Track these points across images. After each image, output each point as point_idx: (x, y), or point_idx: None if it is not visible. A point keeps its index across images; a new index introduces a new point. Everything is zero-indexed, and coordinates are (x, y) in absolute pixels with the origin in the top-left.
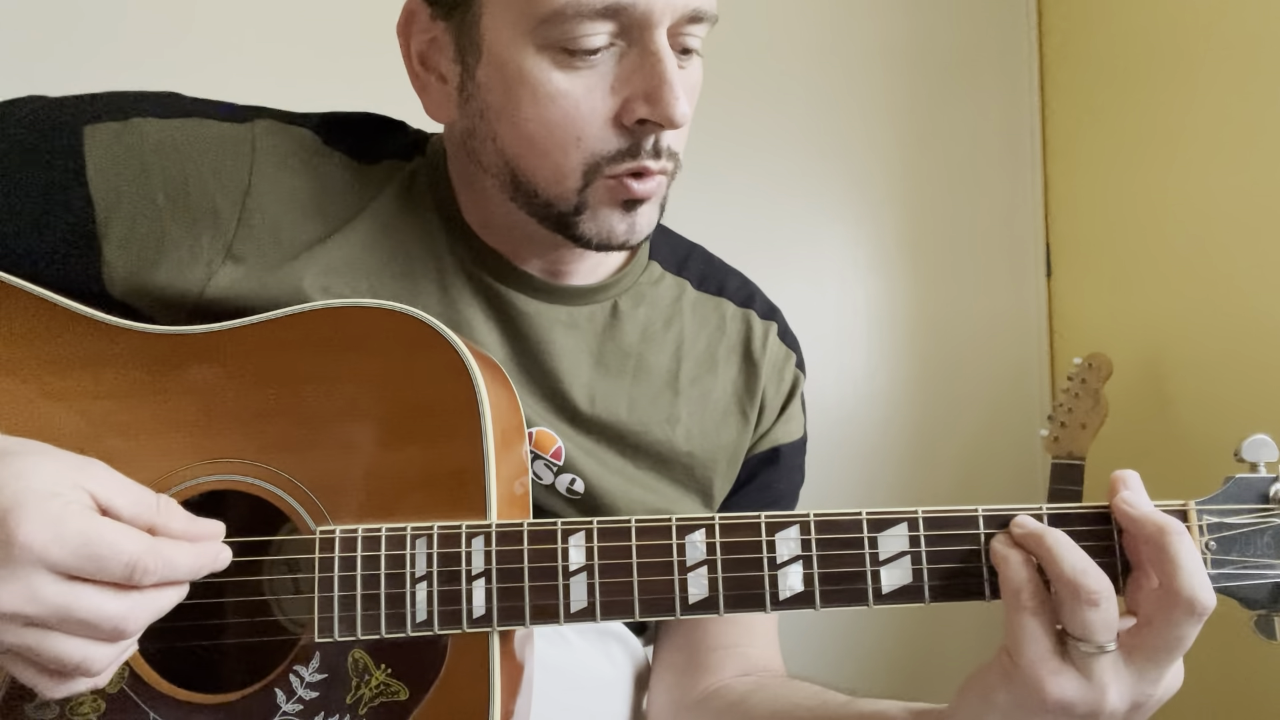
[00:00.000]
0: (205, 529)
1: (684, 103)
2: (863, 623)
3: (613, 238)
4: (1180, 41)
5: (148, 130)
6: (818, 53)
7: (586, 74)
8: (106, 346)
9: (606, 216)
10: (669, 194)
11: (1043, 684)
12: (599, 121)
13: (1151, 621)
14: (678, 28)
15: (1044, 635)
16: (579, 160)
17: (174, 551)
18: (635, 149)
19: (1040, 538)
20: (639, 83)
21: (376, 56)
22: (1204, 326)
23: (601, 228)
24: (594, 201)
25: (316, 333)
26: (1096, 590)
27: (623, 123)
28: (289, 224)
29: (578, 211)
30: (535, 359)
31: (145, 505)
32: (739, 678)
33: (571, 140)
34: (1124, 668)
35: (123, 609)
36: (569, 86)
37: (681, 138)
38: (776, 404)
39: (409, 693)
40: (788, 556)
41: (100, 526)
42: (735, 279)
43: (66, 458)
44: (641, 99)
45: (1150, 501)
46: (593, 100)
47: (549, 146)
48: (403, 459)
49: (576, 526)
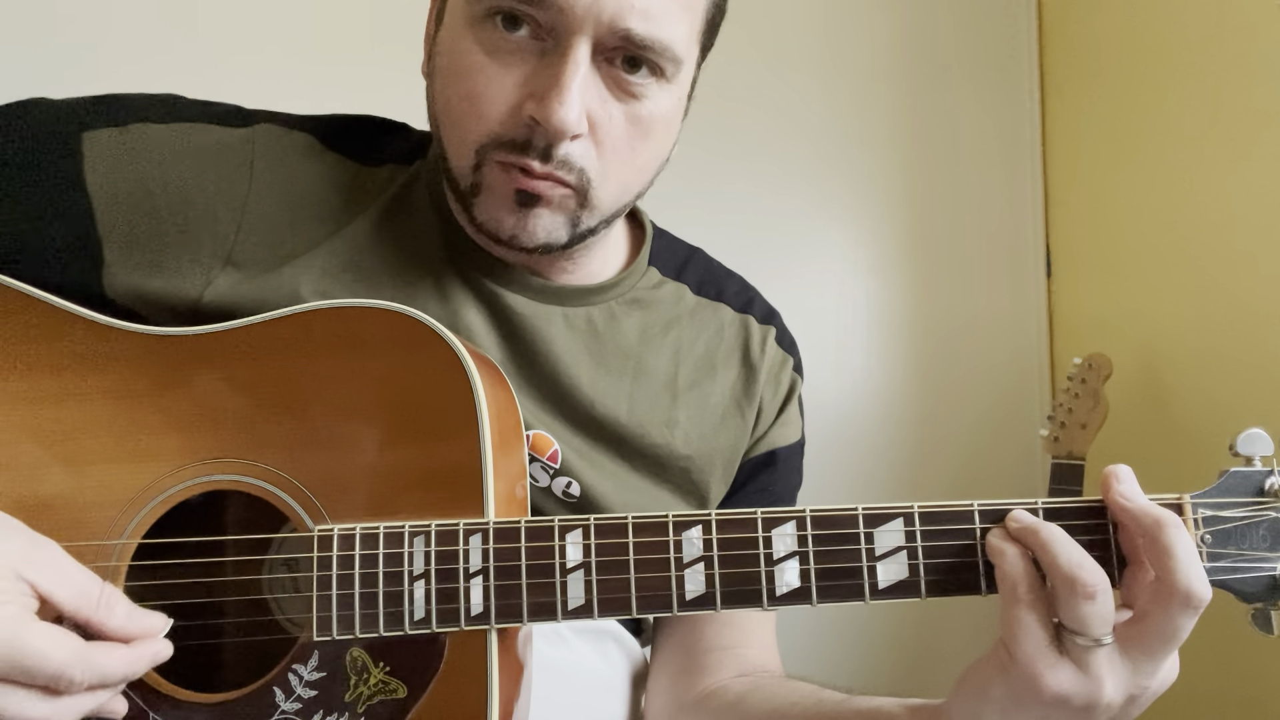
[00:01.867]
0: (145, 626)
1: (569, 110)
2: (859, 620)
3: (500, 229)
4: (1180, 41)
5: (147, 136)
6: (818, 53)
7: (507, 58)
8: (105, 347)
9: (497, 206)
10: (589, 221)
11: (1039, 677)
12: (501, 105)
13: (1148, 614)
14: (610, 49)
15: (1040, 629)
16: (475, 137)
17: (104, 659)
18: (525, 144)
19: (1036, 532)
20: (540, 81)
21: (377, 58)
22: (1203, 326)
23: (490, 215)
24: (487, 185)
25: (315, 333)
26: (1093, 584)
27: (519, 116)
28: (287, 228)
29: (474, 192)
30: (534, 361)
31: (86, 598)
32: (736, 678)
33: (474, 116)
34: (1120, 660)
35: (46, 712)
36: (485, 64)
37: (602, 159)
38: (774, 407)
39: (407, 691)
40: (784, 552)
41: (28, 636)
42: (734, 284)
43: (14, 541)
44: (534, 97)
45: (1145, 495)
46: (503, 84)
47: (456, 117)
48: (401, 458)
49: (574, 524)
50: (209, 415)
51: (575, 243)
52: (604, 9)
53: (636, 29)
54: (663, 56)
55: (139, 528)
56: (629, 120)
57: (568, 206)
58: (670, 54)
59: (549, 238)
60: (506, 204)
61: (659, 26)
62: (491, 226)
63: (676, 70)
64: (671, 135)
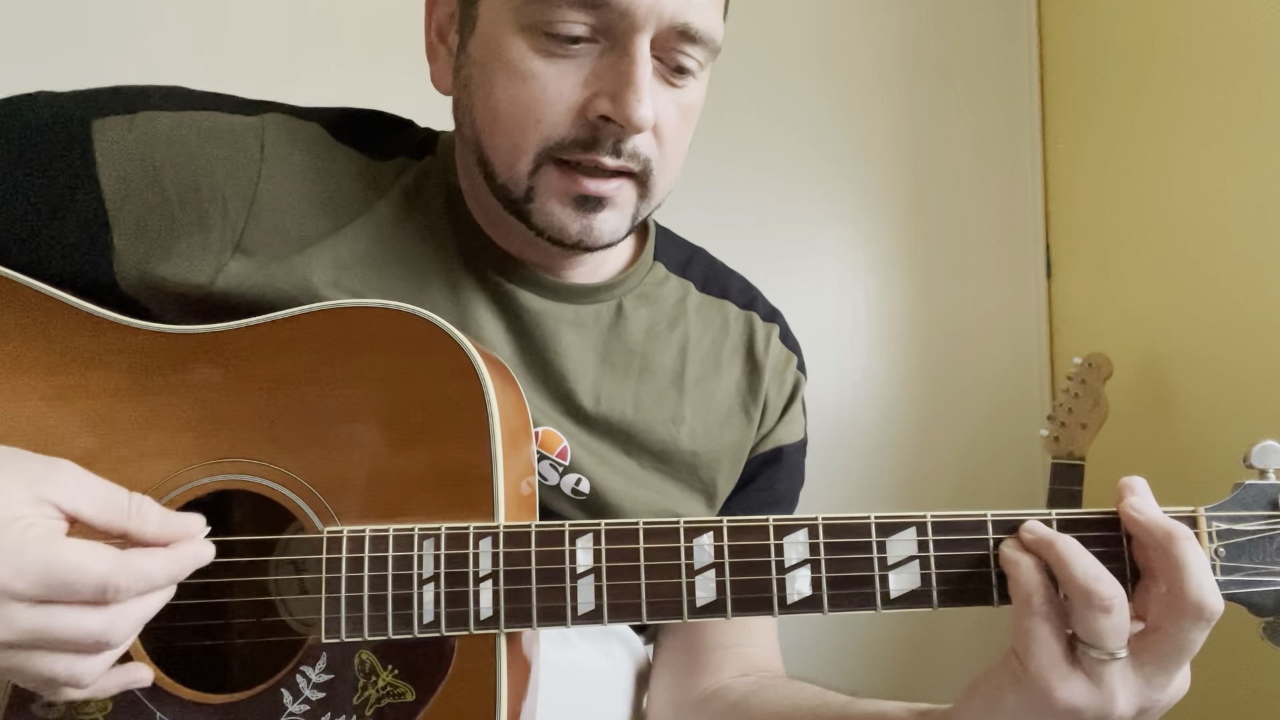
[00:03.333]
0: (182, 527)
1: (646, 107)
2: (863, 625)
3: (565, 234)
4: (1180, 42)
5: (157, 123)
6: (818, 54)
7: (562, 63)
8: (114, 345)
9: (558, 211)
10: (644, 211)
11: (1052, 689)
12: (562, 107)
13: (1160, 627)
14: (666, 41)
15: (1054, 641)
16: (534, 142)
17: (147, 563)
18: (592, 142)
19: (1051, 544)
20: (609, 80)
21: (378, 60)
22: (1204, 326)
23: (552, 221)
24: (543, 190)
25: (324, 333)
26: (1109, 597)
27: (586, 116)
28: (298, 217)
29: (528, 199)
30: (542, 357)
31: (116, 508)
32: (739, 678)
33: (531, 121)
34: (1132, 673)
35: (101, 624)
36: (541, 70)
37: (660, 149)
38: (779, 405)
39: (415, 694)
40: (796, 560)
41: (62, 552)
42: (738, 282)
43: (29, 467)
44: (607, 96)
45: (1158, 507)
46: (561, 87)
47: (510, 125)
48: (410, 460)
49: (584, 529)
50: (217, 414)
51: (630, 234)
52: (665, 6)
53: (695, 23)
54: (709, 46)
55: None
56: (678, 109)
57: (630, 201)
58: (715, 44)
59: (614, 236)
60: (569, 208)
61: (708, 18)
62: (554, 232)
63: (713, 58)
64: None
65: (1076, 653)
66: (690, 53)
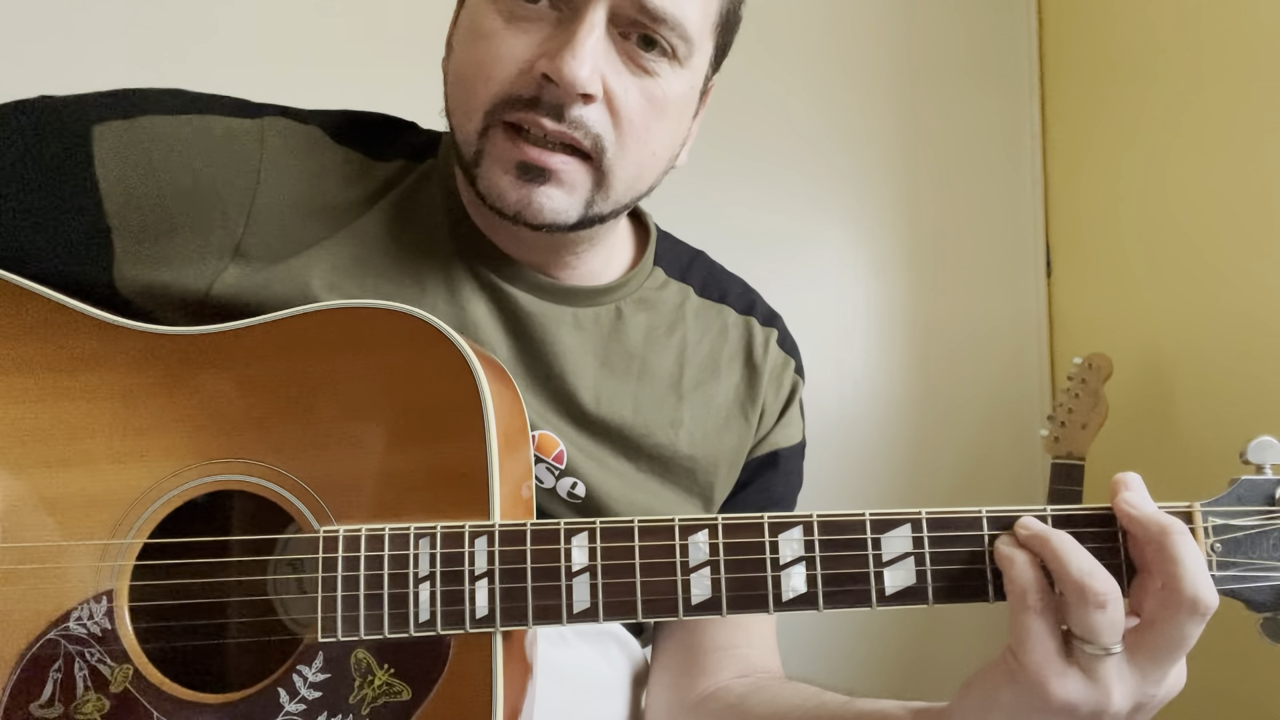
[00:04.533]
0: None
1: (584, 66)
2: (861, 623)
3: (504, 202)
4: (1180, 42)
5: (156, 127)
6: (817, 54)
7: (522, 24)
8: (112, 346)
9: (499, 177)
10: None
11: (1047, 685)
12: (512, 65)
13: (1155, 622)
14: (625, 17)
15: (1049, 636)
16: (484, 99)
17: None
18: (534, 101)
19: (1046, 540)
20: (555, 42)
21: (377, 60)
22: (1204, 326)
23: (493, 186)
24: (489, 154)
25: (321, 333)
26: (1104, 592)
27: (531, 75)
28: (297, 220)
29: (476, 161)
30: (540, 360)
31: None
32: (737, 679)
33: (483, 78)
34: (1128, 668)
35: None
36: (499, 29)
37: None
38: (776, 408)
39: (412, 693)
40: (791, 557)
41: None
42: (737, 286)
43: None
44: (548, 55)
45: (1152, 502)
46: (514, 47)
47: (466, 83)
48: (407, 459)
49: (580, 527)
50: (214, 415)
51: (583, 226)
52: None
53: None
54: (674, 32)
55: (144, 527)
56: (644, 96)
57: (581, 184)
58: (682, 30)
59: (556, 216)
60: (509, 174)
61: (673, 2)
62: (494, 199)
63: (689, 53)
64: (683, 125)
65: (1072, 649)
66: (657, 34)
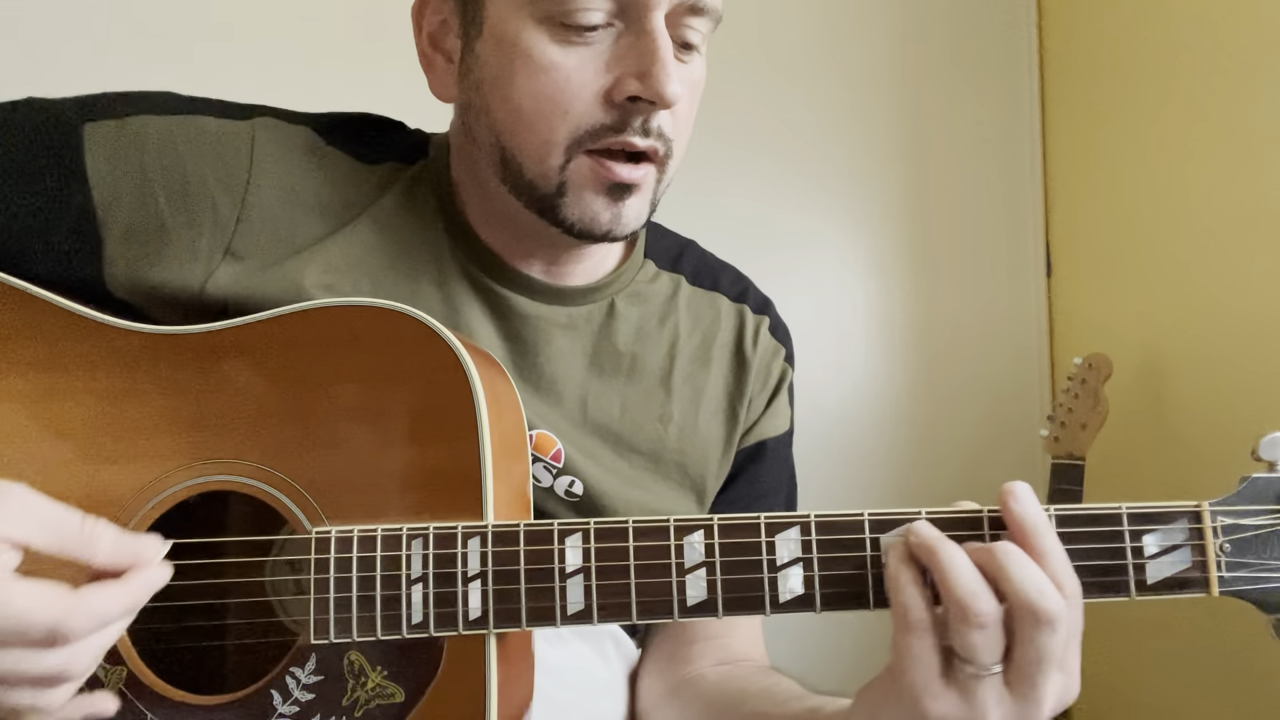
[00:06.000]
0: (134, 553)
1: (675, 82)
2: (860, 623)
3: (596, 225)
4: (1180, 41)
5: (147, 128)
6: (817, 53)
7: (581, 50)
8: (104, 346)
9: (590, 201)
10: (659, 193)
11: (923, 705)
12: (588, 95)
13: (1013, 638)
14: (678, 17)
15: (929, 656)
16: (564, 134)
17: (98, 600)
18: (622, 124)
19: (934, 552)
20: (632, 61)
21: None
22: (1204, 326)
23: (585, 212)
24: (576, 182)
25: (314, 332)
26: (985, 614)
27: (613, 99)
28: (288, 221)
29: (560, 193)
30: (533, 361)
31: (68, 536)
32: (714, 667)
33: (559, 113)
34: (1006, 690)
35: (58, 663)
36: (562, 59)
37: (675, 127)
38: (763, 398)
39: (404, 695)
40: (788, 558)
41: (8, 597)
42: (729, 274)
43: None
44: (633, 76)
45: (1038, 514)
46: (584, 75)
47: (536, 119)
48: (400, 459)
49: (574, 527)
50: (207, 415)
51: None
52: None
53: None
54: (713, 17)
55: (137, 528)
56: (687, 84)
57: (650, 187)
58: (718, 13)
59: (638, 223)
60: (600, 198)
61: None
62: (585, 224)
63: (714, 30)
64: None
65: (953, 667)
66: (696, 26)
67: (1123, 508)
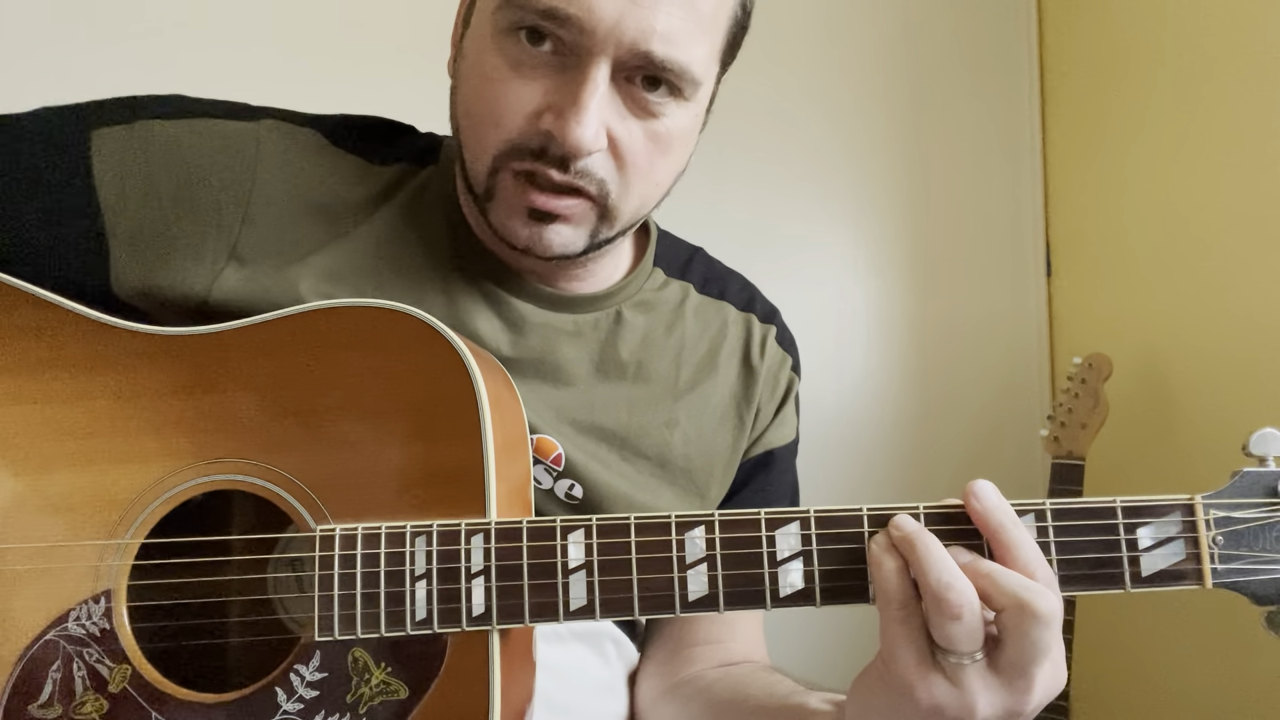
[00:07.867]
0: None
1: (587, 129)
2: (860, 623)
3: (516, 239)
4: (1180, 42)
5: (154, 132)
6: (817, 53)
7: (529, 71)
8: (109, 347)
9: (509, 215)
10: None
11: (913, 689)
12: (520, 113)
13: (1003, 630)
14: (630, 67)
15: (912, 643)
16: (493, 144)
17: None
18: (541, 152)
19: (912, 545)
20: (558, 97)
21: (377, 61)
22: (1204, 326)
23: (505, 224)
24: (500, 193)
25: (317, 332)
26: (958, 605)
27: (538, 125)
28: (294, 225)
29: (488, 196)
30: (539, 366)
31: None
32: (713, 669)
33: (492, 122)
34: (993, 677)
35: None
36: (507, 75)
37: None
38: (771, 408)
39: (409, 691)
40: (788, 553)
41: None
42: (736, 282)
43: None
44: (553, 111)
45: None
46: (521, 94)
47: (476, 122)
48: (403, 458)
49: (576, 524)
50: (211, 415)
51: (590, 251)
52: (625, 32)
53: (657, 52)
54: (682, 78)
55: (142, 527)
56: (648, 137)
57: (587, 220)
58: (689, 76)
59: (565, 249)
60: (519, 216)
61: (679, 49)
62: (507, 235)
63: (695, 90)
64: (689, 149)
65: (936, 654)
66: (659, 81)
67: (1117, 501)
